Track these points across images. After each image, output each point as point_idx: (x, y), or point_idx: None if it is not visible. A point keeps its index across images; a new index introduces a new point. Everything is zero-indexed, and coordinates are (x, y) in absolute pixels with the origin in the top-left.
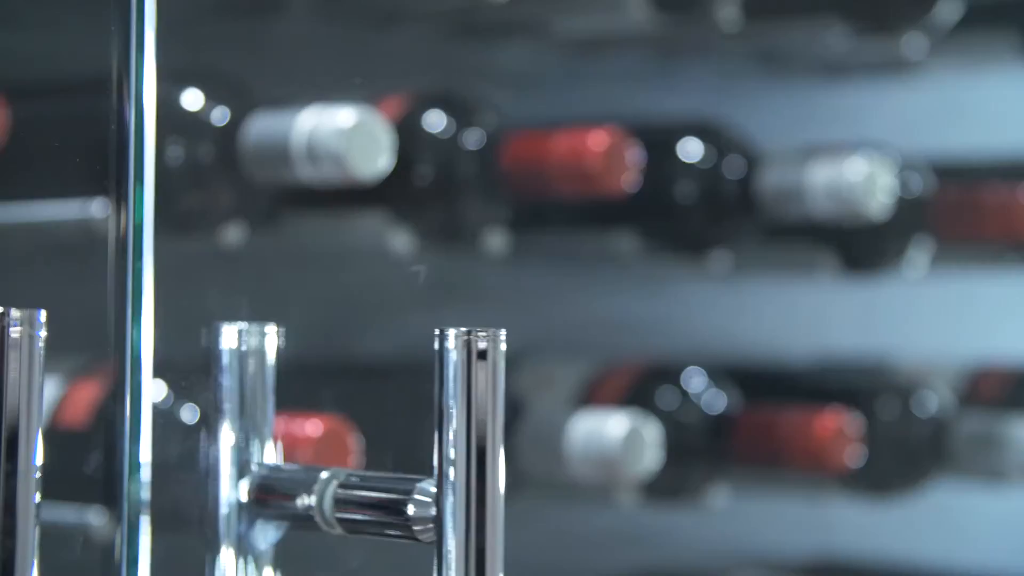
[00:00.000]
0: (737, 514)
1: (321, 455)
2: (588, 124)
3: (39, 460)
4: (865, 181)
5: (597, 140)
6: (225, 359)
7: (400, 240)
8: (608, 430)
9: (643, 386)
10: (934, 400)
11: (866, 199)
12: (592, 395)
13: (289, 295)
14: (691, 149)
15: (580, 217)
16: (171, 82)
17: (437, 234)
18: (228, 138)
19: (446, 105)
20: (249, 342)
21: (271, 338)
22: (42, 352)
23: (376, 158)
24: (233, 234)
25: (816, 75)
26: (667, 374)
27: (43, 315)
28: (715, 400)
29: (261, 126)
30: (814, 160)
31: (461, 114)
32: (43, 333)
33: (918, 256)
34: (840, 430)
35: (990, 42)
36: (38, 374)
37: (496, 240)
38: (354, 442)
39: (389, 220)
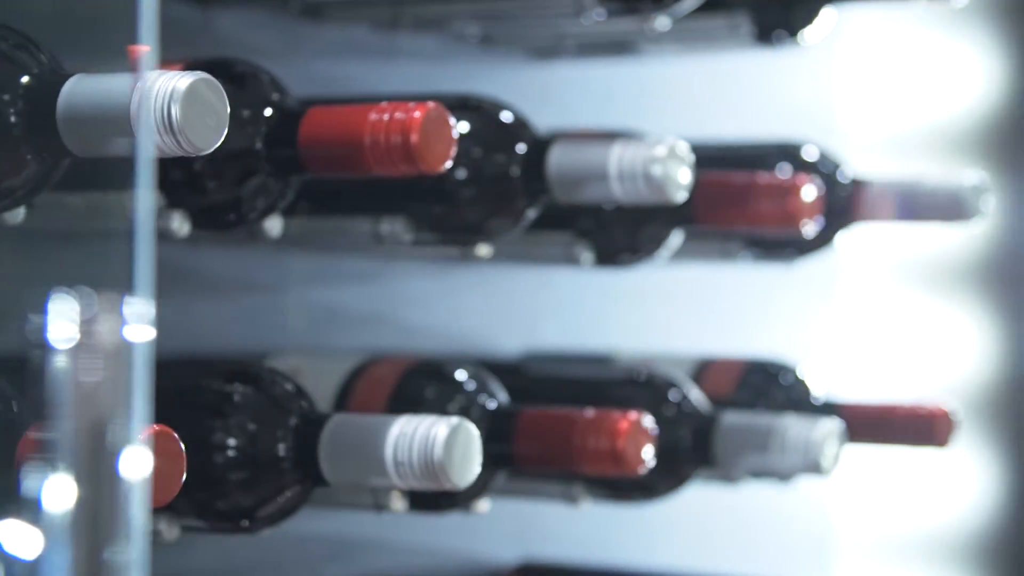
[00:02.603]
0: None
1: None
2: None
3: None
4: (667, 165)
5: (419, 114)
6: None
7: (176, 222)
8: (431, 435)
9: (410, 383)
10: (698, 397)
11: (669, 184)
12: (354, 391)
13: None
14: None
15: (351, 201)
16: None
17: (215, 218)
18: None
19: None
20: None
21: None
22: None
23: (214, 129)
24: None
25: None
26: (434, 370)
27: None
28: (488, 399)
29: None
30: (613, 145)
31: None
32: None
33: (671, 246)
34: (637, 429)
35: (721, 27)
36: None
37: (275, 225)
38: (183, 449)
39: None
